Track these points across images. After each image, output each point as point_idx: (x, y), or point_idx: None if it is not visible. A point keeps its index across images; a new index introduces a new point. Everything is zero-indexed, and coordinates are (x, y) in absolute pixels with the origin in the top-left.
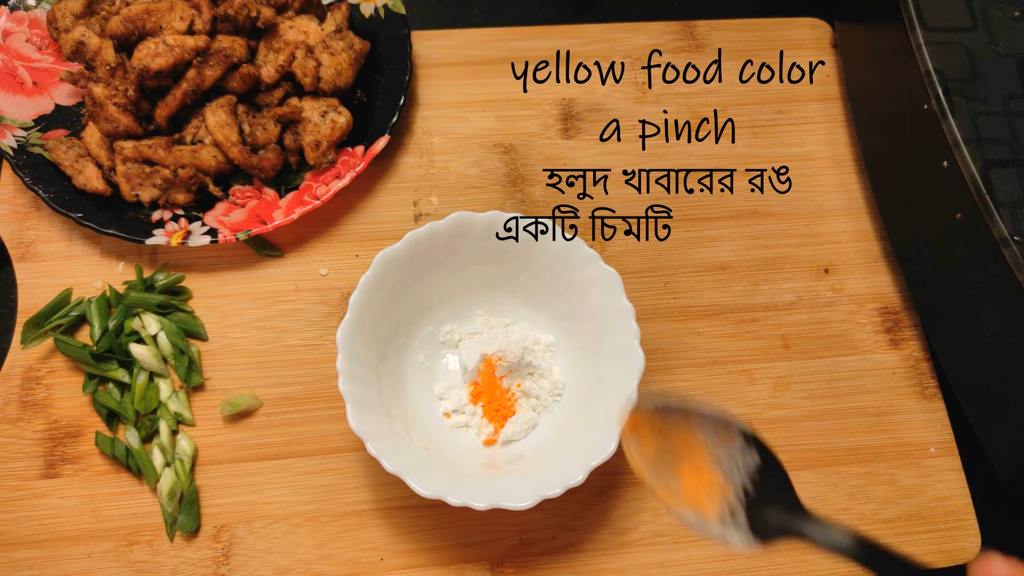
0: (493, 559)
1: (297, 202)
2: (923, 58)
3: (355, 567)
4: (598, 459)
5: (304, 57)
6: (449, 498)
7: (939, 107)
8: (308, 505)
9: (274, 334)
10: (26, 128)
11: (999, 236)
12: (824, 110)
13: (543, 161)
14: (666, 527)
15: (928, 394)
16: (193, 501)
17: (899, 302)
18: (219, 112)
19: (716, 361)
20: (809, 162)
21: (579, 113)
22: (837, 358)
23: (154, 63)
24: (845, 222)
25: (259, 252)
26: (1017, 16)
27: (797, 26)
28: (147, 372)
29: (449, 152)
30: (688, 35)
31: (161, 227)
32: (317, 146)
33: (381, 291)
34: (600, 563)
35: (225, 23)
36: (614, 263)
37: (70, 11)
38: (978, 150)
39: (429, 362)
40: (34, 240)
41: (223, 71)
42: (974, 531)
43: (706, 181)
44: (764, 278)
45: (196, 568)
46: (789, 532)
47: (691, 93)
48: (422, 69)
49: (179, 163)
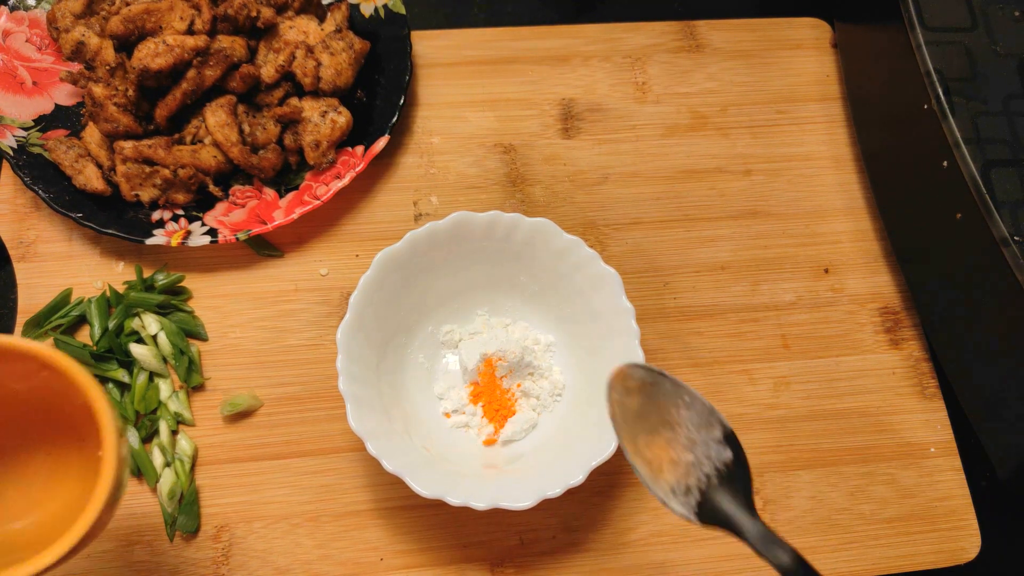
0: (493, 559)
1: (297, 202)
2: (923, 58)
3: (355, 567)
4: (598, 459)
5: (304, 57)
6: (449, 498)
7: (939, 107)
8: (308, 505)
9: (274, 334)
10: (26, 128)
11: (999, 236)
12: (824, 110)
13: (543, 161)
14: (666, 527)
15: (928, 394)
16: (193, 501)
17: (899, 302)
18: (219, 112)
19: (716, 361)
20: (809, 162)
21: (579, 113)
22: (837, 358)
23: (154, 63)
24: (845, 222)
25: (259, 252)
26: (1017, 16)
27: (797, 26)
28: (147, 372)
29: (449, 152)
30: (688, 35)
31: (161, 227)
32: (317, 146)
33: (381, 291)
34: (600, 563)
35: (225, 23)
36: (614, 263)
37: (70, 11)
38: (978, 150)
39: (429, 362)
40: (34, 240)
41: (223, 71)
42: (974, 531)
43: (706, 181)
44: (764, 278)
45: (196, 568)
46: (732, 528)
47: (691, 93)
48: (422, 69)
49: (179, 163)
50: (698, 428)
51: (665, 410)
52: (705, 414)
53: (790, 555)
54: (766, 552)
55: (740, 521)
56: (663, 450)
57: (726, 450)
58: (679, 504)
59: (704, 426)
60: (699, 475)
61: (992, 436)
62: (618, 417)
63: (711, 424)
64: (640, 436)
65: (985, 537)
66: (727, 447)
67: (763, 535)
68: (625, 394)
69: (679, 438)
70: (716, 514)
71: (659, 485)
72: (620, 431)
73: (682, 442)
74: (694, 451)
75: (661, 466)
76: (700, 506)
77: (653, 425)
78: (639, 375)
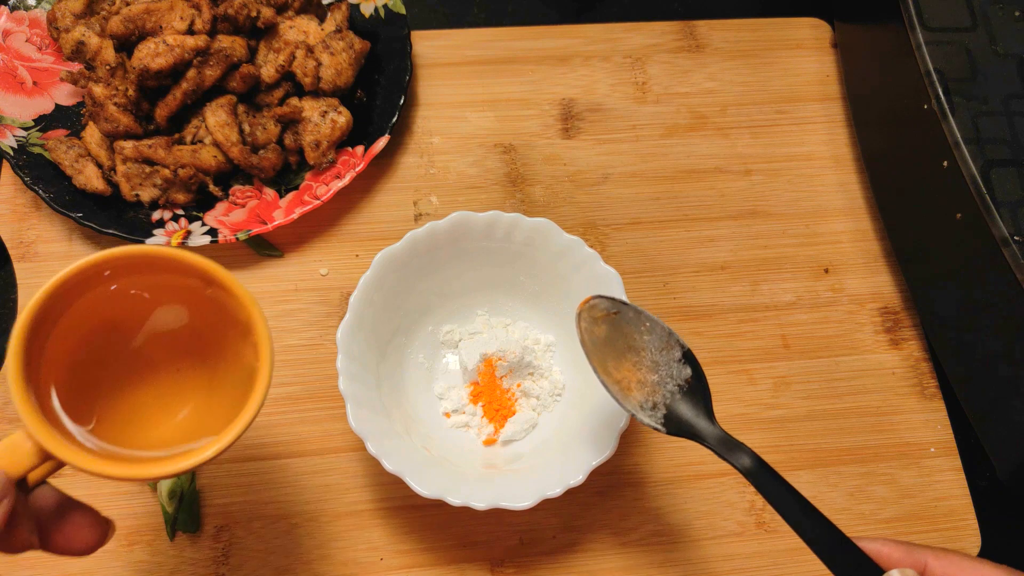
0: (493, 559)
1: (297, 202)
2: (923, 58)
3: (355, 567)
4: (598, 459)
5: (304, 57)
6: (449, 498)
7: (939, 107)
8: (308, 505)
9: (274, 334)
10: (26, 128)
11: (999, 236)
12: (824, 110)
13: (543, 161)
14: (666, 527)
15: (928, 394)
16: (193, 501)
17: (899, 302)
18: (219, 112)
19: (716, 361)
20: (809, 162)
21: (579, 113)
22: (837, 358)
23: (154, 63)
24: (845, 222)
25: (259, 252)
26: (1017, 16)
27: (797, 26)
28: None
29: (449, 152)
30: (688, 35)
31: (161, 227)
32: (317, 146)
33: (381, 291)
34: (600, 563)
35: (225, 23)
36: (614, 263)
37: (70, 11)
38: (978, 150)
39: (429, 362)
40: (34, 240)
41: (223, 71)
42: (974, 531)
43: (706, 181)
44: (764, 278)
45: (196, 568)
46: (694, 435)
47: (691, 93)
48: (422, 69)
49: (179, 163)
50: (660, 350)
51: (629, 336)
52: (664, 337)
53: (750, 455)
54: (727, 455)
55: (701, 428)
56: (630, 372)
57: (686, 368)
58: (647, 417)
59: (665, 348)
60: (663, 392)
61: (992, 436)
62: (587, 343)
63: (671, 346)
64: (609, 360)
65: (985, 537)
66: (687, 365)
67: (722, 439)
68: (592, 323)
69: (644, 361)
70: (680, 424)
71: (628, 402)
72: (590, 356)
73: (647, 364)
74: (658, 371)
75: (630, 386)
76: (666, 418)
77: (620, 350)
78: (604, 305)
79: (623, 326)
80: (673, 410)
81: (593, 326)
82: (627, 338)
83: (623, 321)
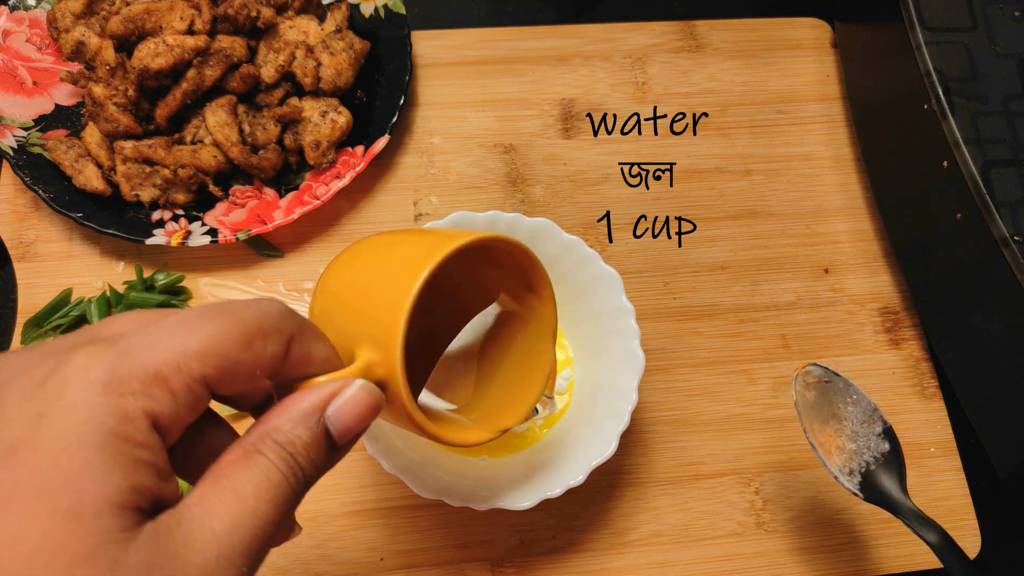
0: (493, 559)
1: (297, 202)
2: (923, 58)
3: (355, 567)
4: (598, 459)
5: (304, 57)
6: (449, 498)
7: (939, 107)
8: (308, 505)
9: None
10: (26, 128)
11: (999, 236)
12: (824, 110)
13: (543, 161)
14: (666, 527)
15: (928, 394)
16: None
17: (899, 302)
18: (219, 112)
19: (716, 361)
20: (809, 162)
21: (579, 113)
22: (837, 358)
23: (154, 63)
24: (845, 222)
25: (259, 252)
26: (1017, 16)
27: (797, 26)
28: None
29: (449, 152)
30: (688, 35)
31: (161, 227)
32: (317, 146)
33: None
34: (600, 563)
35: (225, 23)
36: (614, 263)
37: (70, 11)
38: (978, 150)
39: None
40: (34, 240)
41: (223, 71)
42: (974, 531)
43: (706, 181)
44: (764, 278)
45: None
46: (889, 506)
47: (691, 93)
48: (422, 69)
49: (179, 163)
50: (861, 423)
51: (835, 404)
52: (869, 411)
53: (938, 533)
54: (918, 529)
55: (899, 502)
56: (831, 438)
57: (884, 443)
58: (847, 481)
59: (867, 421)
60: (859, 460)
61: (992, 436)
62: (799, 405)
63: (873, 420)
64: (814, 424)
65: (985, 537)
66: (886, 440)
67: (915, 514)
68: (805, 387)
69: (844, 429)
70: (878, 495)
71: (831, 466)
72: (801, 417)
73: (847, 433)
74: (856, 441)
75: (830, 451)
76: (862, 486)
77: (824, 416)
78: (817, 373)
79: (831, 395)
80: (869, 479)
81: (805, 390)
82: (832, 406)
83: (832, 390)
